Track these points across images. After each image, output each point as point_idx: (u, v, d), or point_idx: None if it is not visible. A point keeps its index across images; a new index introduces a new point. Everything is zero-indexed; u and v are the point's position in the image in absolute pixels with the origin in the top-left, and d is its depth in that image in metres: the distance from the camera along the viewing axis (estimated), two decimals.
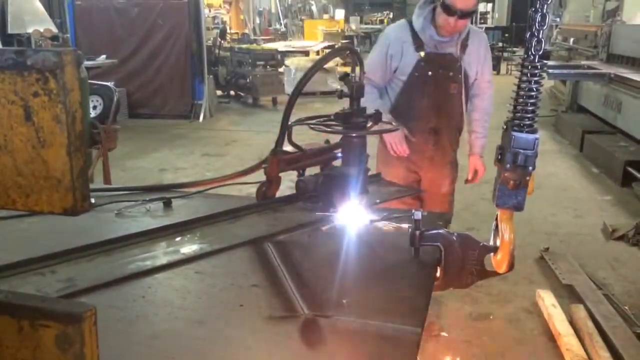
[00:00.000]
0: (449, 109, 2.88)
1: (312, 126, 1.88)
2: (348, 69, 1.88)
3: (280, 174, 1.99)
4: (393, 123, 2.18)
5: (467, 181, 3.05)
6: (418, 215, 1.54)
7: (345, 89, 1.84)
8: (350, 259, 1.60)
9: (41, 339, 0.76)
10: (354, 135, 1.83)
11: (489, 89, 2.99)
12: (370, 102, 2.78)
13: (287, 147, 1.98)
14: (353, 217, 1.78)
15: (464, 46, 2.78)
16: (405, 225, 1.71)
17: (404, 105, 2.87)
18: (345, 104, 1.86)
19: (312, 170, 2.02)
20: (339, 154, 1.94)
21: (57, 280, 1.39)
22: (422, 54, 2.76)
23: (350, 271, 1.54)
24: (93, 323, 0.76)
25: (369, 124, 1.88)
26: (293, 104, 1.94)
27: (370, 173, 2.13)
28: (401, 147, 2.82)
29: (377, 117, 1.88)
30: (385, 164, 2.95)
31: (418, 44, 2.75)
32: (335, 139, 1.99)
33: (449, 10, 2.56)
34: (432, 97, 2.82)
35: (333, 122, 1.86)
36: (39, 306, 0.77)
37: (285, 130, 1.93)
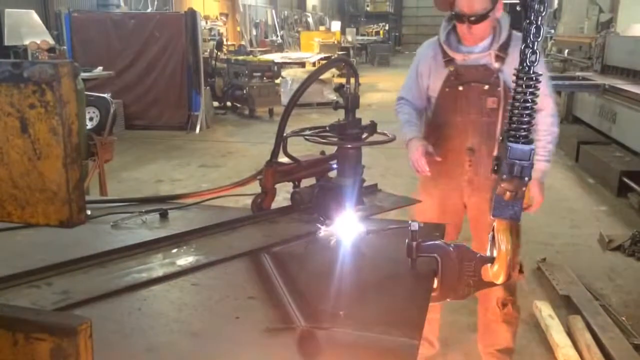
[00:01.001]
0: (488, 126, 2.59)
1: (307, 137, 1.89)
2: (344, 80, 1.88)
3: (276, 186, 1.99)
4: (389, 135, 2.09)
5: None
6: (415, 226, 1.53)
7: (341, 100, 1.84)
8: (347, 270, 1.60)
9: (36, 352, 0.76)
10: (349, 146, 1.83)
11: (549, 105, 2.61)
12: (405, 122, 2.70)
13: (283, 159, 1.98)
14: (349, 228, 1.77)
15: (501, 56, 2.54)
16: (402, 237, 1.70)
17: (437, 123, 2.68)
18: (342, 115, 1.87)
19: (308, 182, 2.02)
20: (334, 165, 1.94)
21: (53, 293, 1.38)
22: (452, 67, 2.58)
23: (347, 282, 1.54)
24: (88, 336, 0.76)
25: (364, 135, 1.88)
26: (288, 116, 1.95)
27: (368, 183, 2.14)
28: (419, 164, 2.58)
29: (372, 128, 1.88)
30: (424, 190, 2.77)
31: (448, 58, 2.59)
32: (330, 150, 1.99)
33: (459, 17, 2.45)
34: (466, 113, 2.58)
35: (328, 134, 1.87)
36: (34, 319, 0.76)
37: (281, 141, 1.93)
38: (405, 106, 2.77)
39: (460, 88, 2.57)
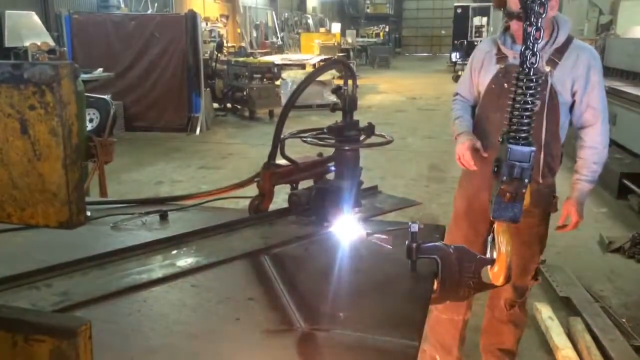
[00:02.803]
0: None
1: (304, 139, 1.88)
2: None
3: (276, 187, 1.98)
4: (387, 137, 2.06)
5: (558, 227, 2.72)
6: (415, 227, 1.53)
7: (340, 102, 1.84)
8: (347, 272, 1.60)
9: (36, 354, 0.75)
10: (346, 148, 1.83)
11: (597, 121, 2.51)
12: (456, 118, 2.75)
13: (282, 161, 1.98)
14: (349, 230, 1.77)
15: (554, 60, 2.47)
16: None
17: (480, 119, 2.70)
18: (341, 117, 1.86)
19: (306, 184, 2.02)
20: (332, 167, 1.94)
21: (52, 294, 1.38)
22: (503, 65, 2.57)
23: (347, 284, 1.53)
24: (88, 337, 0.76)
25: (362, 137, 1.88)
26: (285, 118, 1.94)
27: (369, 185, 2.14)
28: (464, 159, 2.60)
29: (369, 130, 1.88)
30: (459, 183, 2.82)
31: (501, 55, 2.59)
32: (329, 152, 1.98)
33: (509, 15, 2.45)
34: (505, 112, 2.57)
35: (326, 135, 1.86)
36: (33, 321, 0.76)
37: (278, 143, 1.92)
38: (458, 102, 2.82)
39: (505, 85, 2.53)
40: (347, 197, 1.80)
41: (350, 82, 1.84)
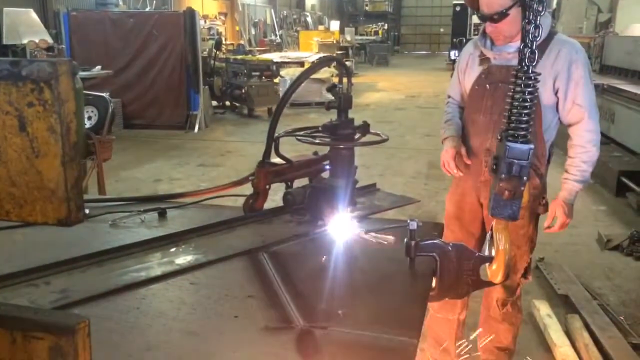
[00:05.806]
0: None
1: (299, 138, 1.87)
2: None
3: (273, 186, 1.98)
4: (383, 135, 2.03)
5: (545, 228, 2.71)
6: (413, 225, 1.54)
7: None
8: (346, 269, 1.60)
9: (34, 351, 0.75)
10: (341, 146, 1.82)
11: (583, 117, 2.46)
12: (445, 121, 2.77)
13: (277, 159, 1.97)
14: (347, 228, 1.77)
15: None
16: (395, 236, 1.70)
17: (465, 122, 2.68)
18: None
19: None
20: (327, 166, 1.93)
21: (51, 292, 1.38)
22: (485, 66, 2.55)
23: (346, 282, 1.54)
24: (86, 335, 0.75)
25: (357, 135, 1.87)
26: (279, 116, 1.93)
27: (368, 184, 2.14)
28: (448, 167, 2.63)
29: (364, 128, 1.87)
30: (451, 186, 2.82)
31: (483, 57, 2.58)
32: (324, 150, 1.97)
33: (481, 17, 2.44)
34: (489, 113, 2.52)
35: (321, 134, 1.86)
36: (32, 318, 0.76)
37: (272, 142, 1.91)
38: (450, 105, 2.82)
39: (488, 87, 2.53)
40: (342, 195, 1.80)
41: (345, 79, 1.83)
